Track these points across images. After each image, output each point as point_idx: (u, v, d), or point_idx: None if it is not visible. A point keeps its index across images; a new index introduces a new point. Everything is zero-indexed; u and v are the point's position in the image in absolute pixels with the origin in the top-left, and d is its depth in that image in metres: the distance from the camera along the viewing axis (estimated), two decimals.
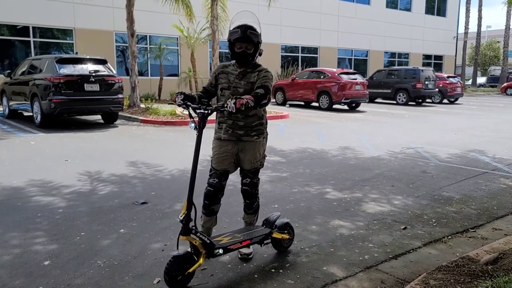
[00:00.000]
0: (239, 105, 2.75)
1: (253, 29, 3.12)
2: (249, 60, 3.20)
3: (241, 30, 3.07)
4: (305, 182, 5.79)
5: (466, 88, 34.09)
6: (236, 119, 3.23)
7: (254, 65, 3.26)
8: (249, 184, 3.37)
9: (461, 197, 5.22)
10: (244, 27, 3.08)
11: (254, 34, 3.11)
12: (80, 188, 5.36)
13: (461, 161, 7.31)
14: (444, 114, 16.22)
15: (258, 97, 2.97)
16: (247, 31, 3.07)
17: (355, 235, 3.95)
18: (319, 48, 27.25)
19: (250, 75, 3.23)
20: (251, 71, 3.24)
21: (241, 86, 3.22)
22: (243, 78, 3.23)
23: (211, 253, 2.94)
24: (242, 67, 3.24)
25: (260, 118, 3.31)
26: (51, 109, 10.12)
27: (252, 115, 3.25)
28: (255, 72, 3.23)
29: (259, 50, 3.20)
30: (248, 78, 3.23)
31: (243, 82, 3.22)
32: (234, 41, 3.12)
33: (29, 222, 4.16)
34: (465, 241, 3.87)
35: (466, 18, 36.79)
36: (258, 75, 3.21)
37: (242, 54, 3.16)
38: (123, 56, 19.82)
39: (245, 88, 3.20)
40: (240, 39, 3.10)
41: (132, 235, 3.87)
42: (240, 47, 3.14)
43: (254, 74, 3.23)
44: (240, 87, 3.22)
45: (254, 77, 3.22)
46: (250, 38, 3.09)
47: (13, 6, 16.78)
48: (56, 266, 3.26)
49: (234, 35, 3.10)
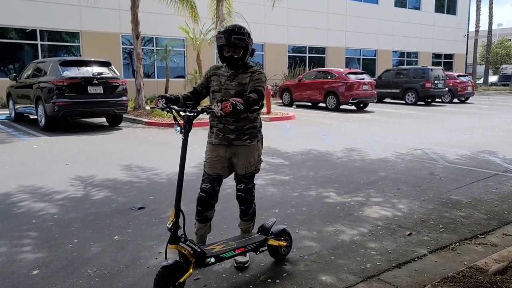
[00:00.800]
0: (224, 107, 2.61)
1: (238, 34, 2.98)
2: (238, 63, 3.08)
3: (225, 36, 2.96)
4: (308, 186, 5.63)
5: (477, 87, 33.56)
6: (227, 123, 3.09)
7: (245, 66, 3.12)
8: (243, 189, 3.22)
9: (470, 201, 5.01)
10: (228, 32, 2.97)
11: (240, 39, 2.99)
12: (76, 193, 5.25)
13: (471, 163, 7.09)
14: (454, 114, 15.92)
15: (250, 102, 2.83)
16: (231, 37, 2.96)
17: (357, 242, 3.78)
18: (327, 48, 27.02)
19: (242, 76, 3.09)
20: (243, 72, 3.10)
21: (232, 88, 3.08)
22: (234, 79, 3.10)
23: (202, 262, 2.80)
24: (233, 69, 3.12)
25: (253, 121, 3.16)
26: (55, 112, 10.08)
27: (244, 118, 3.11)
28: (248, 73, 3.09)
29: (249, 51, 3.06)
30: (239, 79, 3.09)
31: (234, 83, 3.09)
32: (219, 46, 3.03)
33: (21, 228, 4.05)
34: (473, 248, 3.68)
35: (477, 16, 36.22)
36: (251, 77, 3.07)
37: (230, 59, 3.05)
38: (129, 58, 19.81)
39: (236, 89, 3.06)
40: (225, 45, 3.00)
41: (126, 242, 3.75)
42: (228, 51, 3.02)
43: (246, 75, 3.09)
44: (231, 88, 3.08)
45: (247, 78, 3.07)
46: (235, 44, 2.98)
47: (21, 10, 16.84)
48: (44, 276, 3.14)
49: (219, 41, 3.01)
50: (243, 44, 3.00)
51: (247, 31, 3.05)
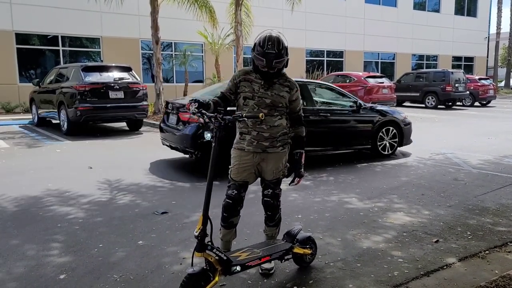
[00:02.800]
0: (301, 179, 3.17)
1: (279, 57, 2.96)
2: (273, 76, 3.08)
3: (266, 60, 2.92)
4: (330, 191, 5.58)
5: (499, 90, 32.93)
6: (261, 130, 3.07)
7: (279, 74, 3.09)
8: (270, 195, 3.19)
9: (498, 207, 4.90)
10: (270, 56, 2.92)
11: (281, 62, 2.98)
12: (100, 197, 5.30)
13: (496, 168, 6.94)
14: (475, 118, 15.62)
15: (303, 142, 3.22)
16: (273, 62, 2.93)
17: (383, 249, 3.72)
18: (345, 51, 26.86)
19: (279, 88, 3.07)
20: (278, 82, 3.08)
21: (268, 97, 3.05)
22: (269, 88, 3.06)
23: (228, 270, 2.78)
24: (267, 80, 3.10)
25: (284, 127, 3.15)
26: (77, 117, 10.23)
27: (278, 125, 3.10)
28: (285, 86, 3.09)
29: (285, 65, 3.07)
30: (276, 90, 3.06)
31: (269, 93, 3.05)
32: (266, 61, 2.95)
33: (47, 233, 4.10)
34: (504, 256, 3.58)
35: (498, 18, 35.64)
36: (289, 93, 3.10)
37: (266, 74, 3.03)
38: (148, 63, 20.03)
39: (273, 100, 3.03)
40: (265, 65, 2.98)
41: (150, 247, 3.76)
42: (264, 67, 2.99)
43: (283, 88, 3.08)
44: (267, 98, 3.05)
45: (284, 91, 3.08)
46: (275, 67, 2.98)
47: (43, 16, 17.21)
48: (71, 280, 3.17)
49: (258, 62, 2.97)
50: (282, 64, 3.01)
51: (286, 46, 3.00)
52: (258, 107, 3.04)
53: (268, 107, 3.05)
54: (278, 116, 3.09)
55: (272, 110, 3.06)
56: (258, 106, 3.04)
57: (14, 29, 16.85)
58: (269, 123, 3.06)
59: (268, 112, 3.05)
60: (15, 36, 16.93)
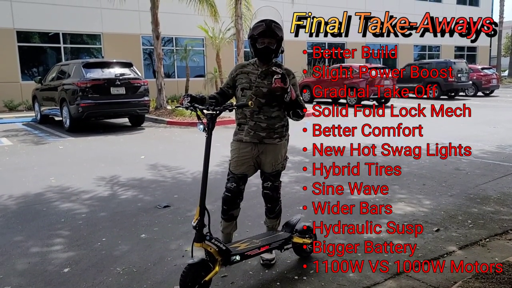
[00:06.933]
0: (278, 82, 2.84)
1: (277, 23, 3.01)
2: (271, 56, 3.07)
3: (265, 23, 2.96)
4: (331, 182, 5.58)
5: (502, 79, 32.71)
6: (259, 120, 3.09)
7: (276, 64, 3.10)
8: (270, 187, 3.22)
9: (499, 196, 4.90)
10: (268, 20, 2.97)
11: (278, 28, 3.00)
12: (103, 192, 5.35)
13: (498, 157, 6.93)
14: (478, 108, 15.55)
15: (299, 103, 3.10)
16: (271, 24, 2.96)
17: (384, 238, 3.74)
18: (346, 43, 26.75)
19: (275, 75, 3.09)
20: (274, 71, 3.10)
21: (265, 86, 3.06)
22: (266, 77, 3.08)
23: (228, 260, 2.81)
24: (264, 66, 3.10)
25: (282, 119, 3.17)
26: (79, 113, 10.27)
27: (275, 117, 3.11)
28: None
29: (281, 46, 3.06)
30: (272, 78, 3.08)
31: (266, 81, 3.07)
32: (257, 35, 2.98)
33: (51, 228, 4.15)
34: (504, 244, 3.60)
35: (501, 7, 35.31)
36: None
37: (265, 50, 3.01)
38: (150, 58, 20.04)
39: (269, 87, 3.03)
40: (263, 33, 2.96)
41: (153, 240, 3.80)
42: (263, 42, 2.99)
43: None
44: (263, 86, 3.07)
45: None
46: (275, 31, 2.97)
47: (44, 14, 17.22)
48: (75, 273, 3.22)
49: (258, 28, 2.97)
50: (280, 35, 3.00)
51: (282, 25, 3.06)
52: (256, 96, 3.06)
53: (266, 96, 3.06)
54: (276, 107, 3.10)
55: (270, 100, 3.07)
56: (255, 95, 3.06)
57: (15, 27, 16.88)
58: (267, 113, 3.07)
59: (266, 102, 3.06)
60: (16, 34, 16.96)
